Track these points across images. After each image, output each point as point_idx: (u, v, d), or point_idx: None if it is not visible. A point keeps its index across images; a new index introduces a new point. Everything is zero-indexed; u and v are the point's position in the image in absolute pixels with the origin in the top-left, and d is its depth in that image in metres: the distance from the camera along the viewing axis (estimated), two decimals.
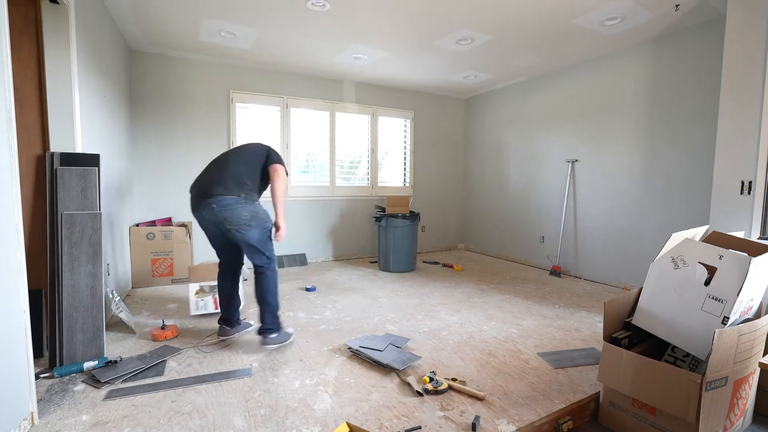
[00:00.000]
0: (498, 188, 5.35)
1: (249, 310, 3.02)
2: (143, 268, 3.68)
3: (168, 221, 4.04)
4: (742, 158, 2.44)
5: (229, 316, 2.53)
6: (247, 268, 4.50)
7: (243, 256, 2.58)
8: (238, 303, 2.59)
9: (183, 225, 3.88)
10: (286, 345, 2.40)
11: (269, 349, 2.33)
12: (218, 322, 2.56)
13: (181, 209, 4.21)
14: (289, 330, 2.49)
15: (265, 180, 2.45)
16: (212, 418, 1.63)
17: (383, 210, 4.71)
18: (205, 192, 2.28)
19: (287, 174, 2.46)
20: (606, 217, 3.99)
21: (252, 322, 2.66)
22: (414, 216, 4.48)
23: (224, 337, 2.49)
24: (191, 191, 2.39)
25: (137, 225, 3.81)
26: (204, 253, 4.45)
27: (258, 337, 2.39)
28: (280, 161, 2.45)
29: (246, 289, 3.66)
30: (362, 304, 3.20)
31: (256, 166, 2.42)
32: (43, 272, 2.10)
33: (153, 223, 3.89)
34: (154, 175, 4.08)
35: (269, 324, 2.35)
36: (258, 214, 2.33)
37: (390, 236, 4.40)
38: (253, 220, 2.30)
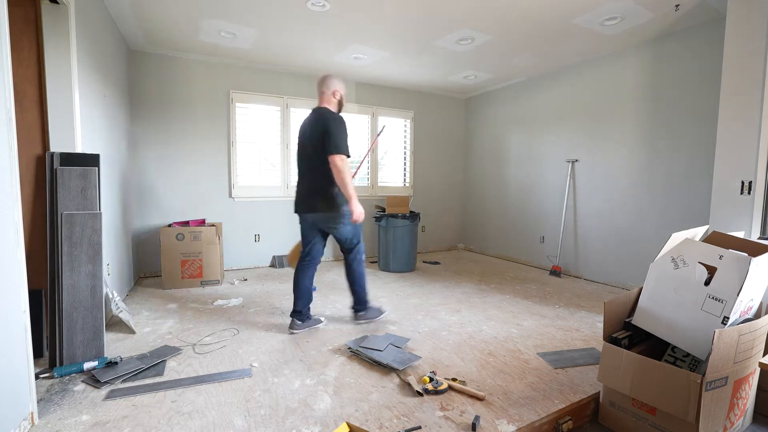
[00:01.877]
0: (498, 188, 5.35)
1: (250, 308, 3.02)
2: (173, 270, 3.63)
3: (201, 222, 4.01)
4: (742, 158, 2.44)
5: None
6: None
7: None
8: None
9: (213, 225, 3.86)
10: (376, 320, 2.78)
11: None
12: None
13: (183, 209, 4.22)
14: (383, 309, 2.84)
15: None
16: (212, 419, 1.63)
17: (383, 210, 4.73)
18: None
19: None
20: (606, 217, 3.99)
21: (322, 319, 2.80)
22: (414, 216, 4.48)
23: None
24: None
25: (170, 225, 3.81)
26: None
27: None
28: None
29: (244, 289, 3.66)
30: None
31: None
32: (43, 272, 2.10)
33: (186, 224, 3.88)
34: (154, 175, 4.08)
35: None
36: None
37: (390, 236, 4.40)
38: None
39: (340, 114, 2.57)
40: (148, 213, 4.09)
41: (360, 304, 2.74)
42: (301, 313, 2.61)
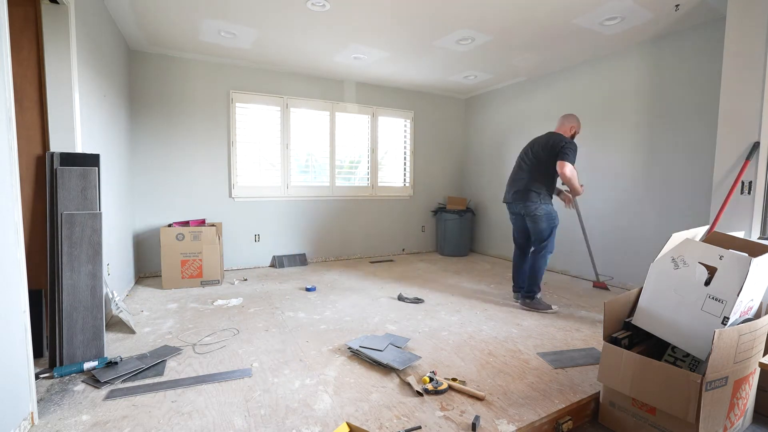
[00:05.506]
0: (498, 188, 5.35)
1: (250, 308, 3.02)
2: (173, 270, 3.63)
3: (201, 222, 4.01)
4: (742, 158, 2.44)
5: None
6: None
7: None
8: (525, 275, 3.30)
9: (213, 225, 3.86)
10: (544, 312, 3.08)
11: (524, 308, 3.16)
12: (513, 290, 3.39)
13: (183, 209, 4.22)
14: (554, 307, 3.12)
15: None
16: (212, 418, 1.63)
17: (444, 206, 5.64)
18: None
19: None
20: (606, 217, 3.99)
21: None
22: (466, 211, 5.37)
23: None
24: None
25: (170, 225, 3.81)
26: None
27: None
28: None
29: (244, 288, 3.66)
30: (362, 304, 3.20)
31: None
32: (43, 272, 2.10)
33: (186, 224, 3.88)
34: (154, 175, 4.08)
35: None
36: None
37: (442, 227, 5.49)
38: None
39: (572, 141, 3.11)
40: (148, 213, 4.09)
41: (529, 292, 3.15)
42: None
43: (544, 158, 3.07)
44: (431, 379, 1.88)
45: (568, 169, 2.93)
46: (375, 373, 2.04)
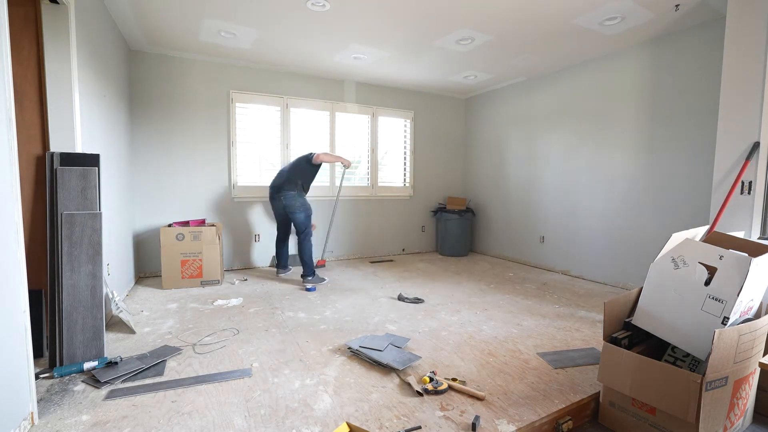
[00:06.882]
0: (498, 188, 5.35)
1: (250, 308, 3.02)
2: (173, 270, 3.63)
3: (201, 222, 4.01)
4: (742, 158, 2.44)
5: (283, 263, 4.21)
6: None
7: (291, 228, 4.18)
8: (287, 254, 4.27)
9: (213, 225, 3.86)
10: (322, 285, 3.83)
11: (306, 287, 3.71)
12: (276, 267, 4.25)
13: (183, 209, 4.22)
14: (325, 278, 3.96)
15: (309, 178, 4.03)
16: (212, 418, 1.63)
17: (444, 206, 5.62)
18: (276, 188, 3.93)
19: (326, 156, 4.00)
20: (606, 217, 3.99)
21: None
22: (466, 211, 5.38)
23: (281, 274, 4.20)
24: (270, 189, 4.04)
25: (170, 225, 3.81)
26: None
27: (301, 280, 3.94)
28: (318, 153, 3.94)
29: (244, 288, 3.66)
30: (362, 304, 3.20)
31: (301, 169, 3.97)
32: (43, 272, 2.10)
33: (186, 224, 3.88)
34: (154, 175, 4.08)
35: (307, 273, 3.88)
36: (304, 204, 3.92)
37: (443, 227, 5.47)
38: (301, 207, 3.88)
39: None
40: (148, 213, 4.08)
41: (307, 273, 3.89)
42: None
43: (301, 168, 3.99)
44: (431, 379, 1.88)
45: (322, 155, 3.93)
46: (375, 373, 2.04)
